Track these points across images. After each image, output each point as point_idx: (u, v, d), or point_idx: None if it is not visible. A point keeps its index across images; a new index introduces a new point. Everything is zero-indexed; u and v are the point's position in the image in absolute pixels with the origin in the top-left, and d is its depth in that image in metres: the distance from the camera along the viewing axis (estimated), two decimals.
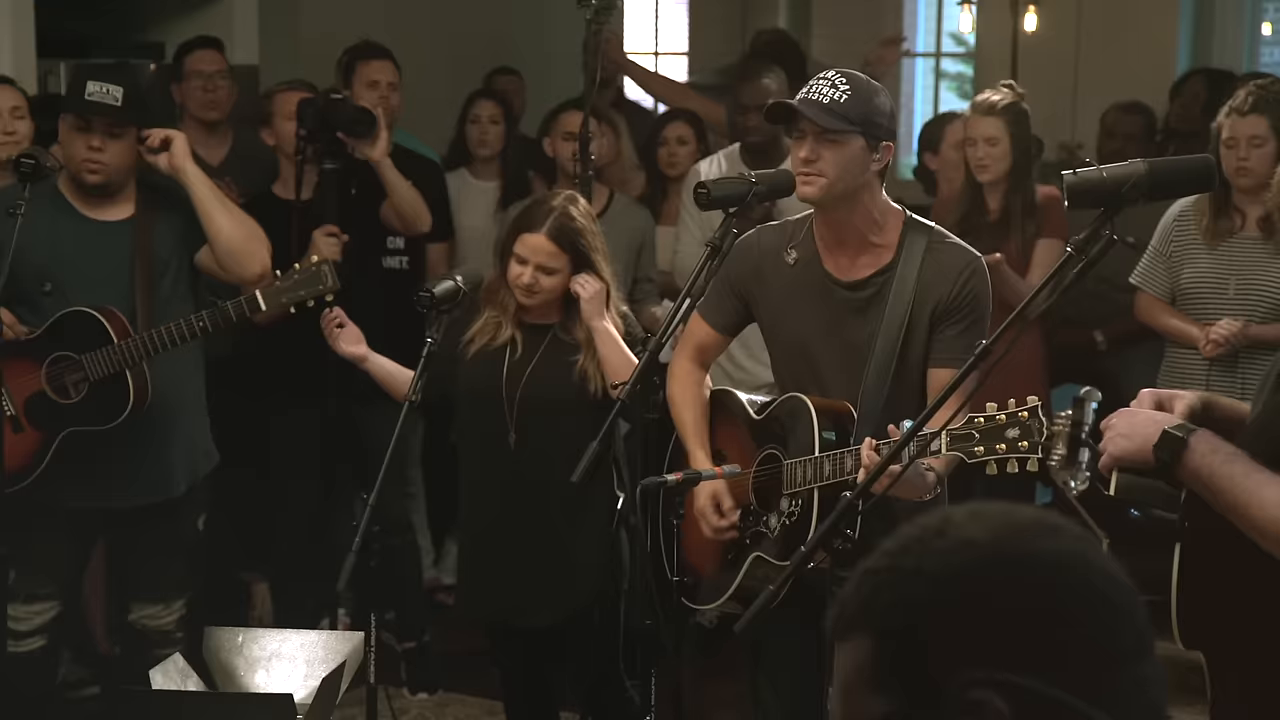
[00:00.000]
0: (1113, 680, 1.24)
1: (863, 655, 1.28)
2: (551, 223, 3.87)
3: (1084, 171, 2.61)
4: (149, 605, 4.37)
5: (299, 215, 4.85)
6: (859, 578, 1.30)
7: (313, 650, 3.07)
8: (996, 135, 4.96)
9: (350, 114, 4.90)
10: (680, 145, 5.78)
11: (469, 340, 4.02)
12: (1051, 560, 1.26)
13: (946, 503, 3.39)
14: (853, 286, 3.40)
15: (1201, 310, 4.62)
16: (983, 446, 2.88)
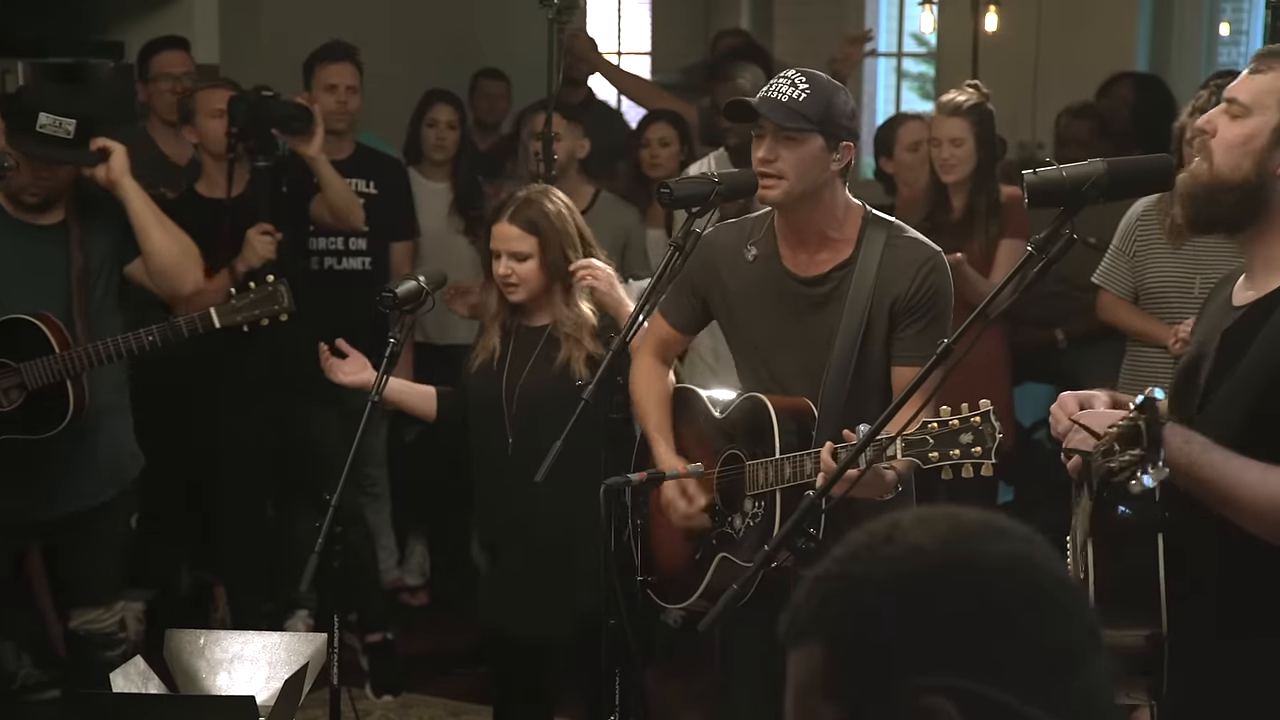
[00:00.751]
0: (1062, 682, 1.25)
1: (814, 663, 1.28)
2: (514, 209, 3.92)
3: (1044, 171, 2.63)
4: (89, 610, 4.36)
5: (229, 213, 4.82)
6: (809, 585, 1.32)
7: (275, 652, 3.05)
8: (962, 136, 4.98)
9: (285, 110, 4.88)
10: (662, 146, 5.78)
11: (475, 356, 4.05)
12: (999, 564, 1.27)
13: (914, 500, 3.42)
14: (811, 282, 3.40)
15: (1167, 309, 4.64)
16: (937, 452, 2.89)
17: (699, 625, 2.96)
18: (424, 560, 6.22)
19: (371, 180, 5.47)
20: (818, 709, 1.28)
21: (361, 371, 4.09)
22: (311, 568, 3.55)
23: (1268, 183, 2.41)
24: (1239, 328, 2.47)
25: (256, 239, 4.75)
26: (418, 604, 6.11)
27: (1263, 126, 2.41)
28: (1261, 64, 2.45)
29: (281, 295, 4.14)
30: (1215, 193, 2.44)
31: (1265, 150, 2.40)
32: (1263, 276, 2.47)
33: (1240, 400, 2.37)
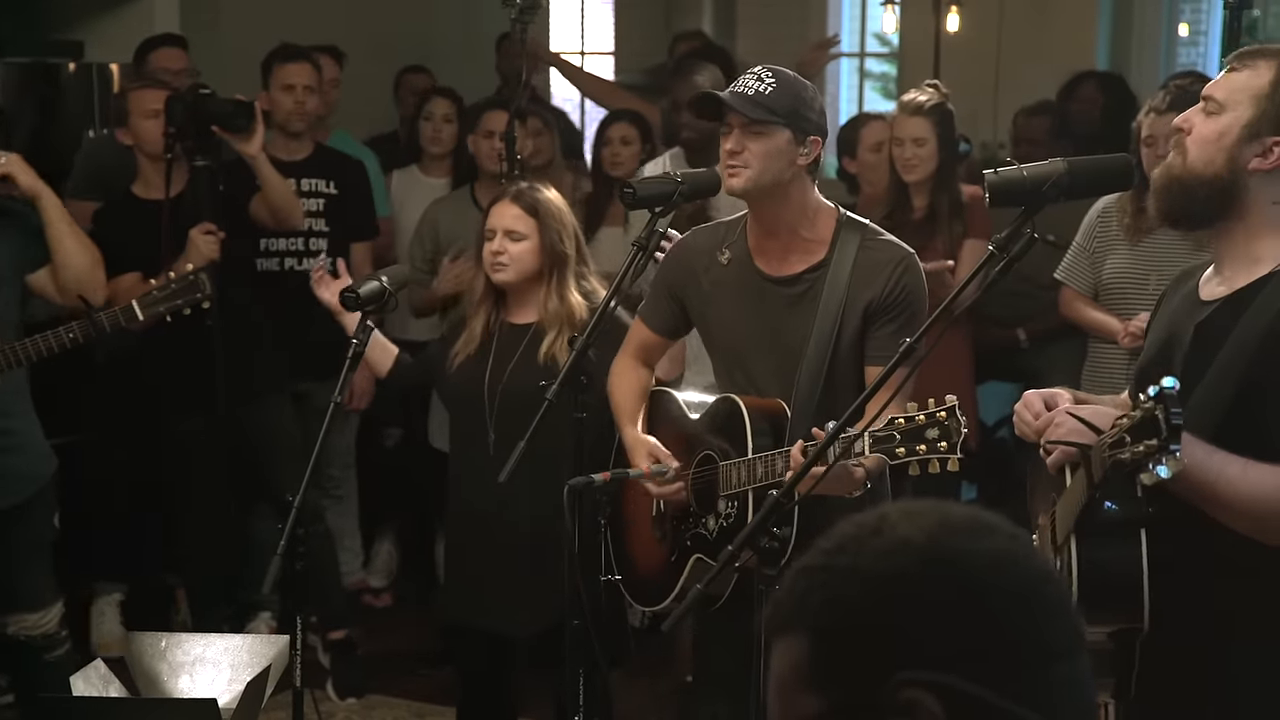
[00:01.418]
0: (1045, 679, 1.25)
1: (797, 653, 1.28)
2: (517, 192, 4.03)
3: (1005, 171, 2.64)
4: (26, 614, 4.31)
5: (168, 214, 4.79)
6: (794, 576, 1.31)
7: (237, 654, 3.03)
8: (924, 135, 5.01)
9: (225, 108, 4.84)
10: (624, 145, 5.78)
11: (455, 353, 4.05)
12: (985, 560, 1.27)
13: (889, 495, 3.42)
14: (785, 283, 3.41)
15: (1123, 305, 4.69)
16: (904, 448, 2.90)
17: (663, 625, 2.96)
18: (391, 561, 6.20)
19: (331, 180, 5.45)
20: (799, 700, 1.28)
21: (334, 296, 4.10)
22: (274, 569, 3.53)
23: (1239, 178, 2.43)
24: (1212, 322, 2.47)
25: (200, 239, 4.71)
26: (381, 605, 6.09)
27: (1235, 122, 2.43)
28: (1238, 62, 2.48)
29: (203, 283, 4.12)
30: (1188, 187, 2.47)
31: (1237, 145, 2.43)
32: (1233, 271, 2.48)
33: (1217, 398, 2.37)
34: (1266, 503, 2.29)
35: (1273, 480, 2.29)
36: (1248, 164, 2.42)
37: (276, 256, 5.38)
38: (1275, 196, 2.43)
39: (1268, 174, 2.43)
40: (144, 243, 4.56)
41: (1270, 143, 2.41)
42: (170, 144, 4.78)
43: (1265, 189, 2.43)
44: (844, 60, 9.62)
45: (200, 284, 4.12)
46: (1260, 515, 2.30)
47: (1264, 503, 2.29)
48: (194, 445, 5.09)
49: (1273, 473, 2.30)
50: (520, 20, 4.58)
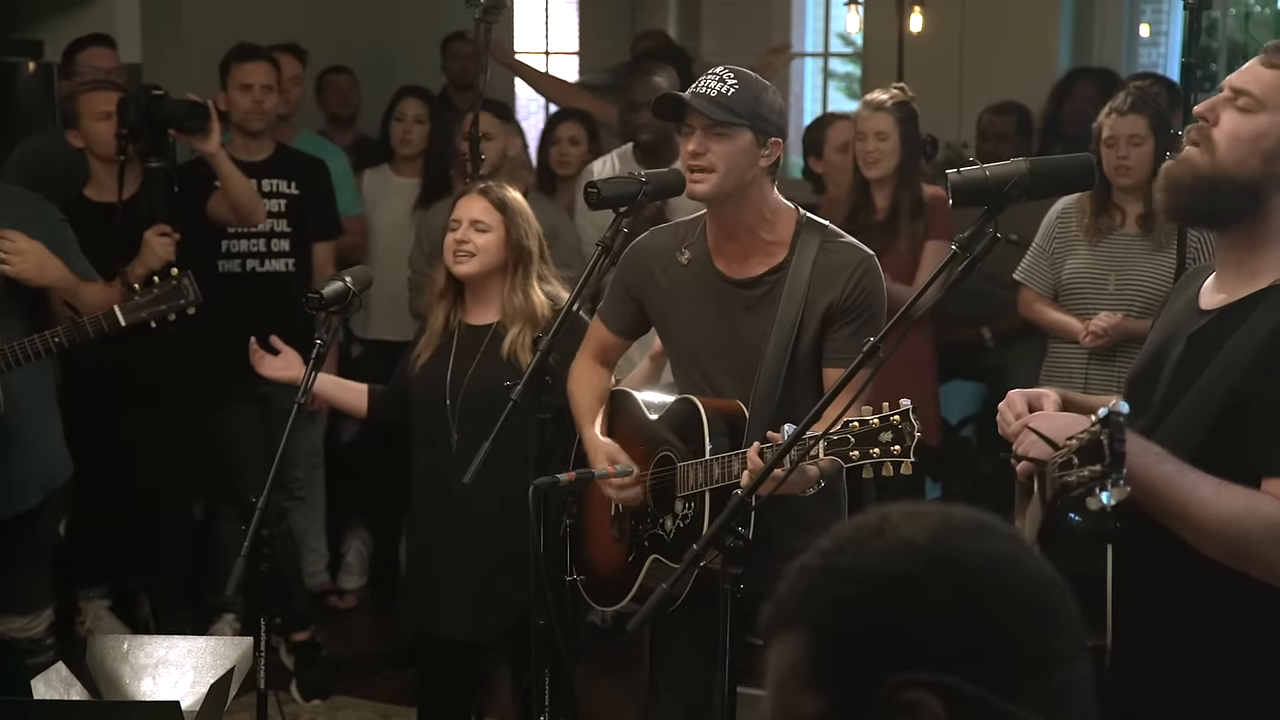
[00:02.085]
0: (1046, 682, 1.25)
1: (796, 653, 1.28)
2: (484, 186, 4.05)
3: (968, 170, 2.64)
4: (16, 618, 4.30)
5: (122, 216, 4.76)
6: (794, 575, 1.30)
7: (200, 657, 3.01)
8: (886, 130, 5.03)
9: (179, 109, 4.80)
10: (572, 145, 5.78)
11: (416, 355, 4.04)
12: (987, 562, 1.27)
13: (845, 495, 3.43)
14: (745, 285, 3.42)
15: (1082, 305, 4.72)
16: (858, 451, 2.91)
17: (628, 625, 2.96)
18: (362, 559, 6.18)
19: (293, 180, 5.43)
20: (798, 700, 1.27)
21: (290, 368, 4.08)
22: (238, 571, 3.51)
23: (1268, 186, 2.29)
24: (1206, 333, 2.37)
25: (155, 241, 4.69)
26: (346, 607, 6.07)
27: (1274, 126, 2.28)
28: (1275, 58, 2.30)
29: (186, 289, 4.10)
30: (1216, 185, 2.30)
31: (1274, 150, 2.27)
32: (1235, 280, 2.36)
33: (1202, 412, 2.29)
34: (1235, 526, 2.18)
35: (1245, 503, 2.19)
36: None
37: (238, 258, 5.35)
38: None
39: None
40: (97, 246, 4.53)
41: None
42: (123, 146, 4.74)
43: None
44: (808, 60, 9.64)
45: (184, 289, 4.10)
46: (1230, 540, 2.20)
47: (1233, 526, 2.18)
48: (161, 445, 5.06)
49: (1246, 496, 2.19)
50: (484, 20, 4.56)
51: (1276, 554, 2.18)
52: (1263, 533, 2.17)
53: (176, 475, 5.12)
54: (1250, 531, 2.18)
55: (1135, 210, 4.65)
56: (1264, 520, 2.17)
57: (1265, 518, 2.17)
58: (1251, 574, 2.22)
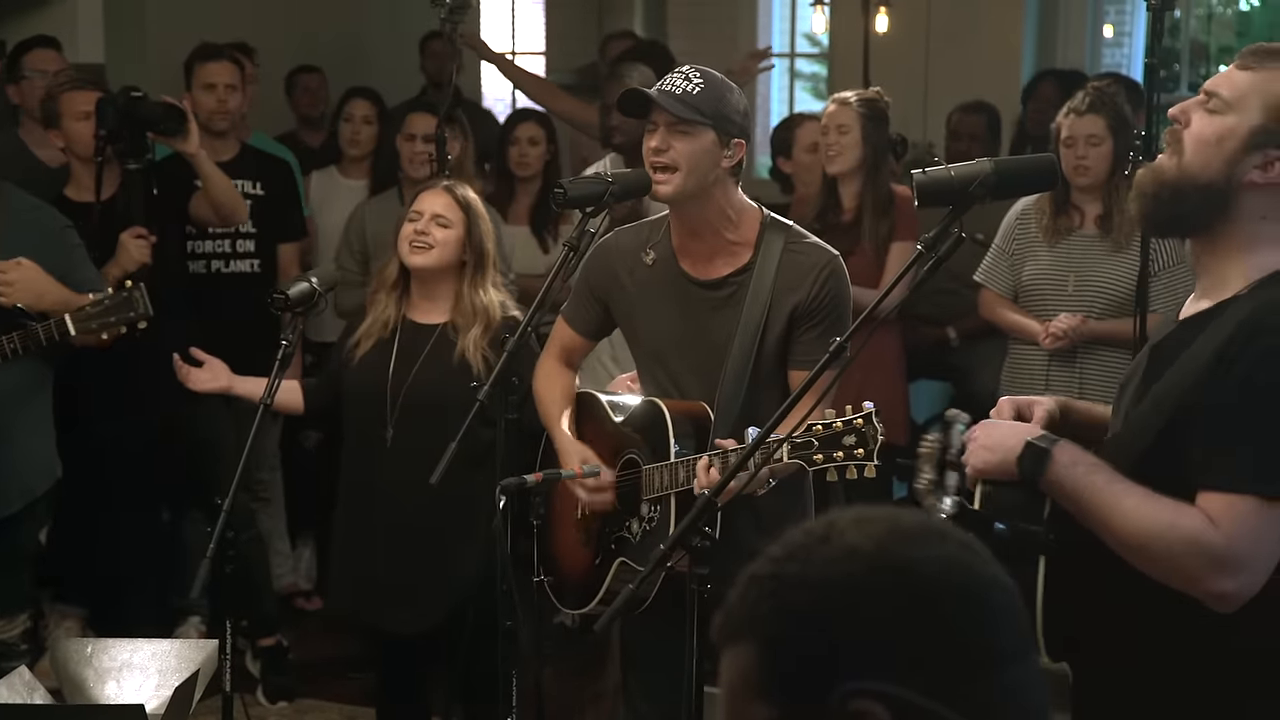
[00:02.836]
0: (996, 682, 1.25)
1: (747, 662, 1.27)
2: (448, 184, 4.04)
3: (933, 171, 2.64)
4: None
5: (100, 217, 4.74)
6: (744, 583, 1.30)
7: (165, 660, 3.00)
8: (847, 124, 5.04)
9: (157, 112, 4.80)
10: (531, 145, 5.78)
11: (355, 344, 4.02)
12: (934, 569, 1.27)
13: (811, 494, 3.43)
14: (710, 286, 3.41)
15: (1042, 306, 4.73)
16: (821, 454, 2.92)
17: (595, 625, 2.96)
18: (311, 565, 6.16)
19: (258, 181, 5.41)
20: (749, 708, 1.27)
21: (216, 378, 4.05)
22: (203, 573, 3.50)
23: (1233, 190, 2.23)
24: (1168, 344, 2.35)
25: (130, 243, 4.67)
26: (312, 608, 6.05)
27: (1239, 126, 2.22)
28: (1249, 60, 2.26)
29: (138, 301, 4.08)
30: (1181, 190, 2.25)
31: (1238, 153, 2.22)
32: (1207, 290, 2.31)
33: (1148, 424, 2.28)
34: (1159, 540, 2.18)
35: (1167, 517, 2.18)
36: (1246, 175, 2.22)
37: (203, 259, 5.33)
38: (1264, 212, 2.24)
39: (1260, 189, 2.23)
40: None
41: (1273, 155, 2.21)
42: (101, 147, 4.73)
43: (1254, 204, 2.24)
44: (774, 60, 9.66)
45: (135, 301, 4.08)
46: (1152, 553, 2.19)
47: (1155, 539, 2.18)
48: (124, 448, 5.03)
49: (1172, 509, 2.18)
50: (450, 20, 4.55)
51: (1193, 567, 2.17)
52: (1184, 547, 2.16)
53: (145, 476, 5.08)
54: (1172, 546, 2.17)
55: (1094, 211, 4.67)
56: (1184, 534, 2.16)
57: (1186, 532, 2.16)
58: (1174, 587, 2.20)
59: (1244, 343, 2.16)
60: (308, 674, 5.28)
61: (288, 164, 5.67)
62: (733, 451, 3.01)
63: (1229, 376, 2.17)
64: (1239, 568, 2.16)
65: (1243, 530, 2.14)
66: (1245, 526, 2.14)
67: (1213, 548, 2.15)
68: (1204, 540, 2.15)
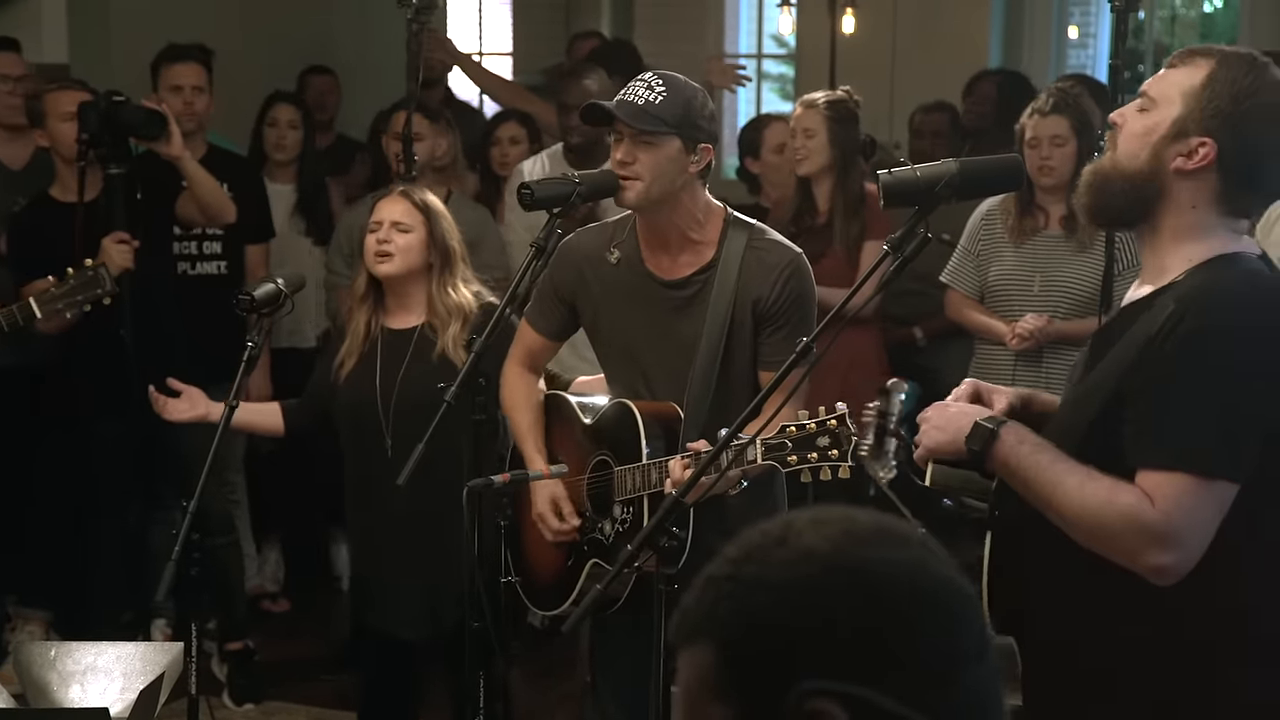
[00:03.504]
0: (952, 686, 1.26)
1: (704, 663, 1.28)
2: (404, 188, 4.04)
3: (898, 171, 2.66)
4: None
5: (82, 218, 4.71)
6: (702, 585, 1.31)
7: (130, 663, 2.98)
8: (813, 128, 5.06)
9: (139, 117, 4.78)
10: (513, 145, 5.78)
11: (340, 364, 4.01)
12: (891, 569, 1.27)
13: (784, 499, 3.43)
14: (675, 285, 3.41)
15: (1008, 307, 4.74)
16: (796, 455, 2.92)
17: (563, 626, 2.96)
18: (278, 568, 6.13)
19: (225, 182, 5.38)
20: (706, 709, 1.28)
21: (194, 407, 4.02)
22: (169, 576, 3.48)
23: (1161, 177, 2.34)
24: (1108, 330, 2.46)
25: (113, 248, 4.64)
26: (279, 611, 6.03)
27: (1165, 118, 2.34)
28: (1179, 60, 2.39)
29: (103, 278, 4.07)
30: (1112, 182, 2.38)
31: (1163, 142, 2.33)
32: (1147, 280, 2.43)
33: (1087, 407, 2.37)
34: (1096, 516, 2.27)
35: (1105, 494, 2.26)
36: (1171, 162, 2.33)
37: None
38: (1195, 201, 2.34)
39: (1190, 177, 2.33)
40: (59, 246, 4.49)
41: (1195, 143, 2.31)
42: (83, 151, 4.71)
43: (1185, 192, 2.34)
44: (741, 61, 9.67)
45: (100, 279, 4.07)
46: (1091, 528, 2.28)
47: (1094, 515, 2.27)
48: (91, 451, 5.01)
49: (1109, 487, 2.27)
50: (416, 20, 4.55)
51: (1133, 544, 2.26)
52: (1122, 524, 2.26)
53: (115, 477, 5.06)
54: (1111, 522, 2.27)
55: (1059, 211, 4.68)
56: (1121, 511, 2.25)
57: (1123, 508, 2.25)
58: (1115, 561, 2.29)
59: (1175, 325, 2.26)
60: (274, 676, 5.26)
61: (254, 165, 5.64)
62: (704, 453, 3.01)
63: (1161, 358, 2.26)
64: (1175, 543, 2.24)
65: (1178, 506, 2.23)
66: (1181, 503, 2.23)
67: (1150, 524, 2.24)
68: (1141, 517, 2.24)
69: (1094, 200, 2.43)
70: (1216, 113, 2.31)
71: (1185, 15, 9.22)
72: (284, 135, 5.89)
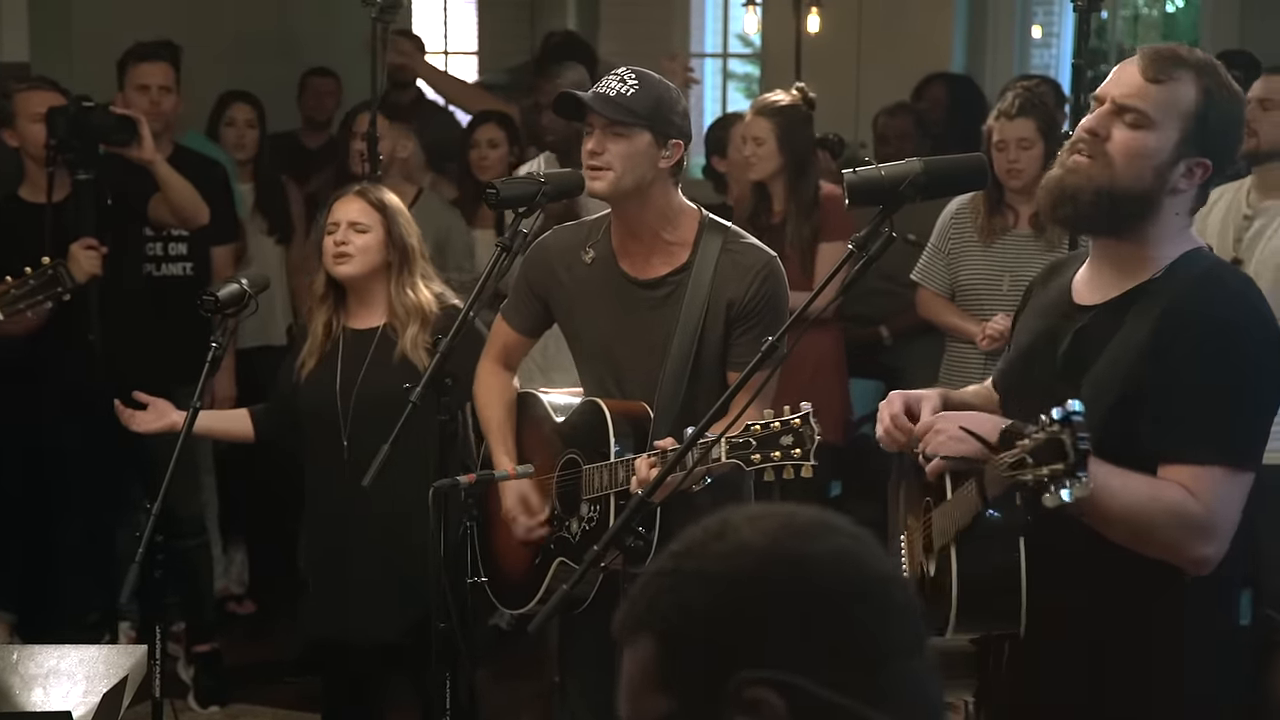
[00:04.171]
0: (886, 676, 1.28)
1: (646, 656, 1.31)
2: (360, 189, 4.02)
3: (863, 170, 2.67)
4: None
5: (50, 220, 4.68)
6: (644, 580, 1.34)
7: (93, 666, 2.96)
8: (762, 135, 5.07)
9: (109, 122, 4.75)
10: (491, 148, 5.79)
11: (301, 365, 3.99)
12: (826, 561, 1.30)
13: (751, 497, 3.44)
14: (649, 285, 3.43)
15: (978, 306, 4.77)
16: (759, 454, 2.93)
17: (529, 626, 2.96)
18: (244, 569, 6.11)
19: (191, 183, 5.35)
20: (650, 701, 1.30)
21: (161, 417, 4.00)
22: (132, 578, 3.47)
23: (1161, 195, 2.43)
24: (1093, 327, 2.47)
25: (81, 254, 4.61)
26: (245, 612, 6.00)
27: (1165, 142, 2.41)
28: (1160, 73, 2.43)
29: (61, 276, 4.05)
30: (1116, 200, 2.42)
31: (1166, 165, 2.41)
32: (1113, 277, 2.48)
33: (1097, 403, 2.36)
34: (1141, 513, 2.31)
35: (1148, 491, 2.32)
36: (1174, 183, 2.42)
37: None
38: (1177, 209, 2.45)
39: (1182, 192, 2.45)
40: (27, 245, 4.46)
41: (1195, 164, 2.42)
42: (52, 156, 4.69)
43: (1173, 204, 2.45)
44: (707, 61, 9.68)
45: (60, 277, 4.04)
46: (1135, 526, 2.33)
47: (1138, 513, 2.31)
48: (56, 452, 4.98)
49: (1149, 484, 2.33)
50: (380, 20, 4.54)
51: (1178, 537, 2.33)
52: (1167, 518, 2.32)
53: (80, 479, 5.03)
54: (1156, 518, 2.32)
55: (1027, 211, 4.71)
56: (1167, 507, 2.31)
57: (1168, 504, 2.31)
58: (1153, 556, 2.35)
59: (1182, 322, 2.34)
60: (240, 678, 5.24)
61: (222, 166, 5.62)
62: (671, 451, 3.02)
63: (1174, 355, 2.34)
64: (1216, 534, 2.34)
65: (1218, 498, 2.32)
66: (1220, 494, 2.32)
67: (1195, 517, 2.32)
68: (1185, 511, 2.31)
69: (1085, 212, 2.47)
70: (1212, 133, 2.42)
71: (1148, 15, 9.27)
72: (243, 134, 5.87)
